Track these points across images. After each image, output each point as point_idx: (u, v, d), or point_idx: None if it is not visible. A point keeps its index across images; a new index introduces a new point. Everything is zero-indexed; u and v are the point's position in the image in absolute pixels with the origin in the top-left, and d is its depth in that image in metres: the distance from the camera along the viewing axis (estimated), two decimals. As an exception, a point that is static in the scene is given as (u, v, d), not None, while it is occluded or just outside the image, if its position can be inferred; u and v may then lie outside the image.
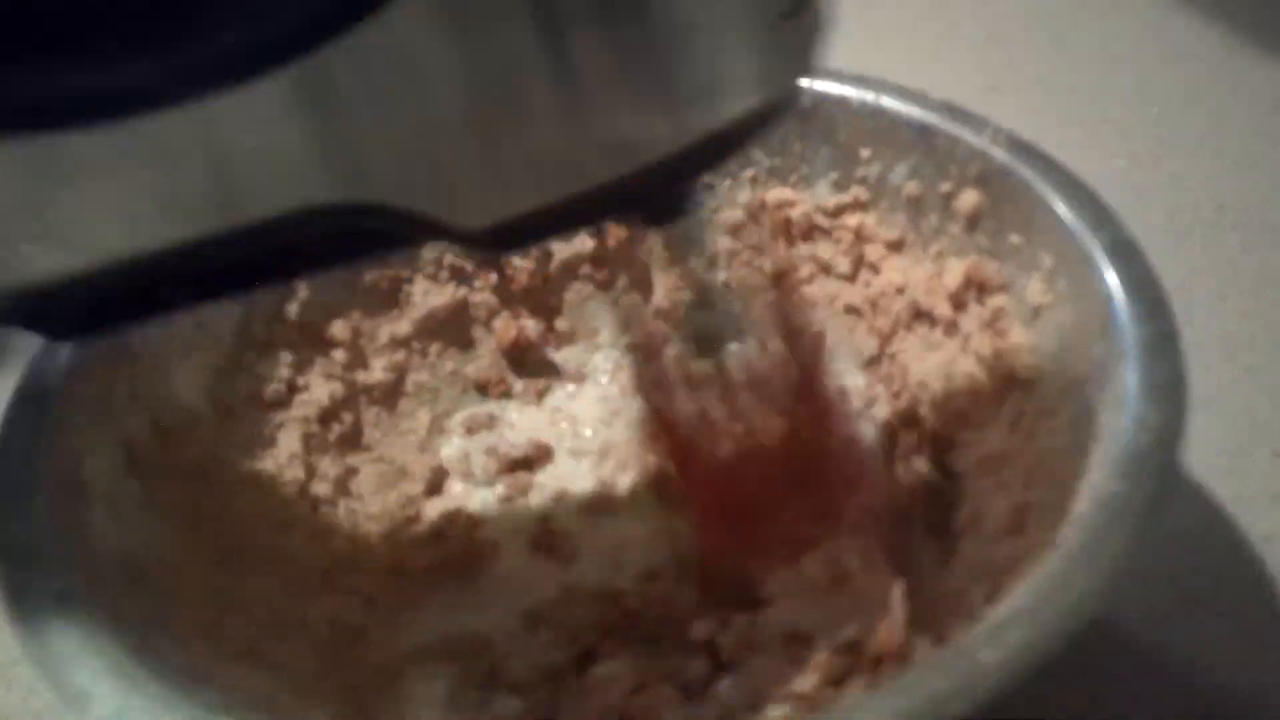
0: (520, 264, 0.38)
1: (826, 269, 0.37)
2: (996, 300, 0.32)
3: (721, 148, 0.22)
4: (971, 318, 0.33)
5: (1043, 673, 0.20)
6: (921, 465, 0.33)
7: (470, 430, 0.38)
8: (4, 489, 0.26)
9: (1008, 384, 0.31)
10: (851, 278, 0.37)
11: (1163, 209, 0.44)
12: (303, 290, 0.35)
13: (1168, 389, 0.25)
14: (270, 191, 0.21)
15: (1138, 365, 0.26)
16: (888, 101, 0.34)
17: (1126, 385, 0.25)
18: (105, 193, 0.21)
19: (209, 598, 0.28)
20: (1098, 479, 0.24)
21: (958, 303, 0.33)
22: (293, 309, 0.35)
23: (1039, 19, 0.57)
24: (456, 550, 0.34)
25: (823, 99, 0.35)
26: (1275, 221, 0.43)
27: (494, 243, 0.22)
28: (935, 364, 0.34)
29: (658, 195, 0.25)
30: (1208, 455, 0.35)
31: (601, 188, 0.21)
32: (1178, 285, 0.40)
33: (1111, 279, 0.28)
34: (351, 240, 0.23)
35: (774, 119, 0.23)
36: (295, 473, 0.33)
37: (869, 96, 0.35)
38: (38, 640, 0.23)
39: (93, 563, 0.25)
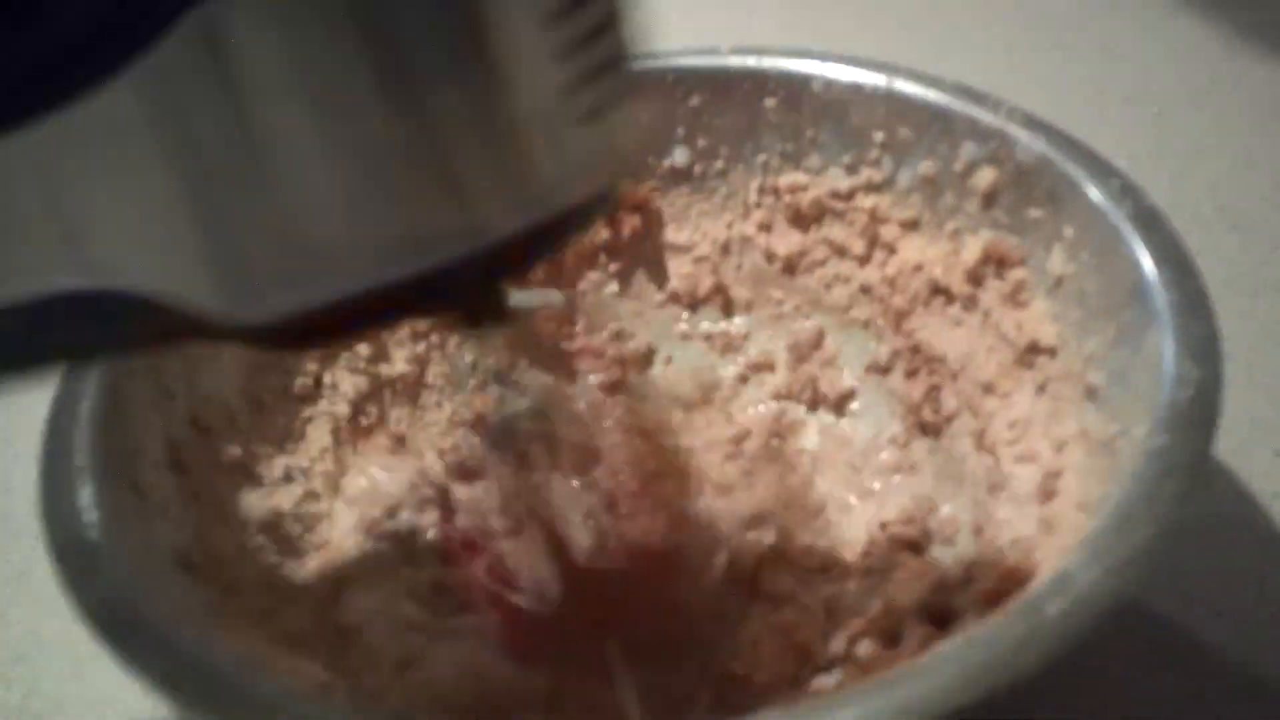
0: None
1: (841, 251, 0.37)
2: (1017, 274, 0.32)
3: (529, 249, 0.21)
4: (991, 292, 0.33)
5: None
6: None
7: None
8: (55, 491, 0.26)
9: (1032, 352, 0.31)
10: (866, 259, 0.37)
11: (1163, 209, 0.44)
12: None
13: (1204, 345, 0.25)
14: (17, 269, 0.19)
15: (1172, 326, 0.26)
16: (901, 85, 0.35)
17: (1162, 346, 0.26)
18: None
19: (259, 588, 0.28)
20: (1141, 436, 0.24)
21: (976, 278, 0.33)
22: None
23: (1039, 19, 0.57)
24: None
25: (834, 83, 0.36)
26: (1275, 221, 0.43)
27: (280, 339, 0.20)
28: (955, 338, 0.34)
29: (470, 295, 0.23)
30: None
31: (400, 283, 0.20)
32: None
33: (1138, 246, 0.28)
34: (120, 327, 0.21)
35: (585, 220, 0.21)
36: (325, 465, 0.34)
37: (881, 80, 0.35)
38: (112, 636, 0.23)
39: (147, 556, 0.26)
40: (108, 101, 0.18)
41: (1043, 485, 0.29)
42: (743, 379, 0.39)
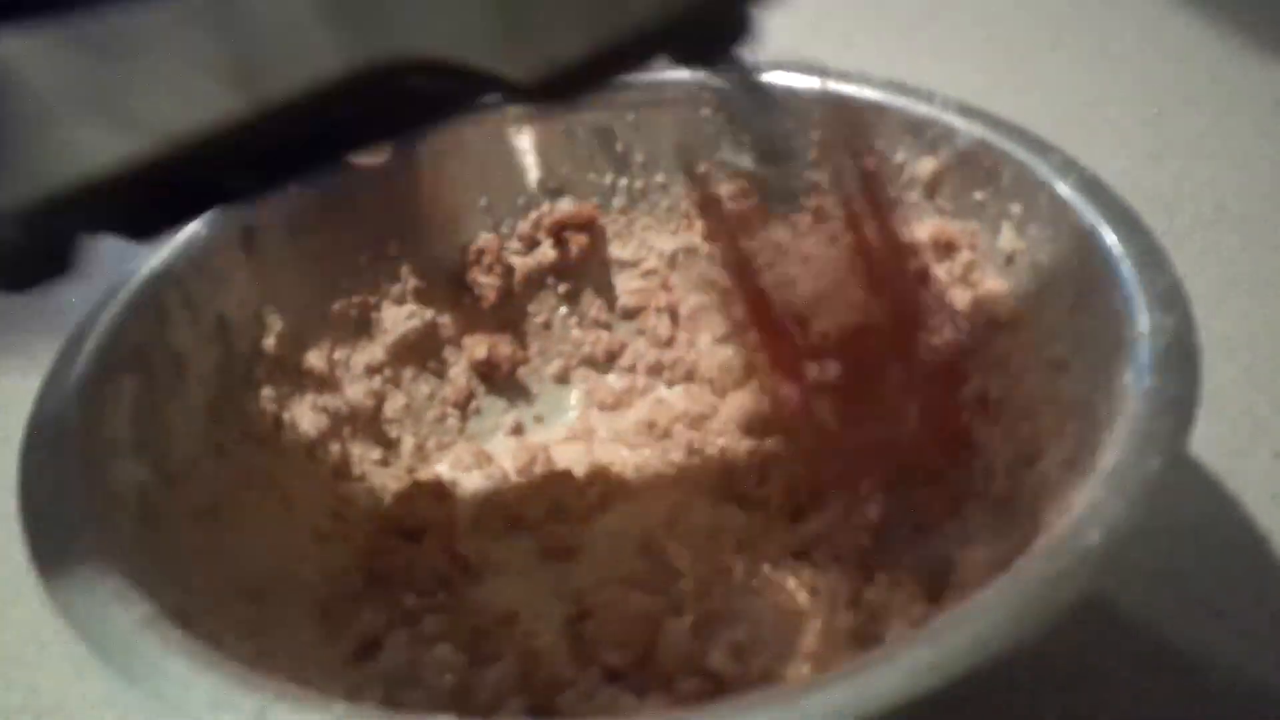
0: (485, 280, 0.39)
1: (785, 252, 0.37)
2: (964, 256, 0.33)
3: None
4: (941, 274, 0.34)
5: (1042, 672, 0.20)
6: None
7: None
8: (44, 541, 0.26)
9: (992, 329, 0.32)
10: None
11: (1163, 209, 0.44)
12: (277, 323, 0.35)
13: (1170, 293, 0.26)
14: (307, 56, 0.21)
15: (1136, 281, 0.27)
16: (834, 85, 0.35)
17: (1129, 301, 0.26)
18: (160, 67, 0.20)
19: (241, 634, 0.28)
20: (1129, 382, 0.25)
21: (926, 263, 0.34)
22: (269, 342, 0.35)
23: (1039, 19, 0.57)
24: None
25: (770, 89, 0.36)
26: (1275, 221, 0.43)
27: (547, 91, 0.22)
28: None
29: (708, 31, 0.24)
30: (1208, 455, 0.35)
31: (647, 27, 0.21)
32: (1178, 285, 0.41)
33: (1088, 211, 0.29)
34: (404, 104, 0.22)
35: None
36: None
37: (815, 82, 0.35)
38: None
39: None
40: None
41: (1024, 451, 0.29)
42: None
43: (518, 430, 0.39)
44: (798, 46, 0.40)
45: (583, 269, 0.40)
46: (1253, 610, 0.31)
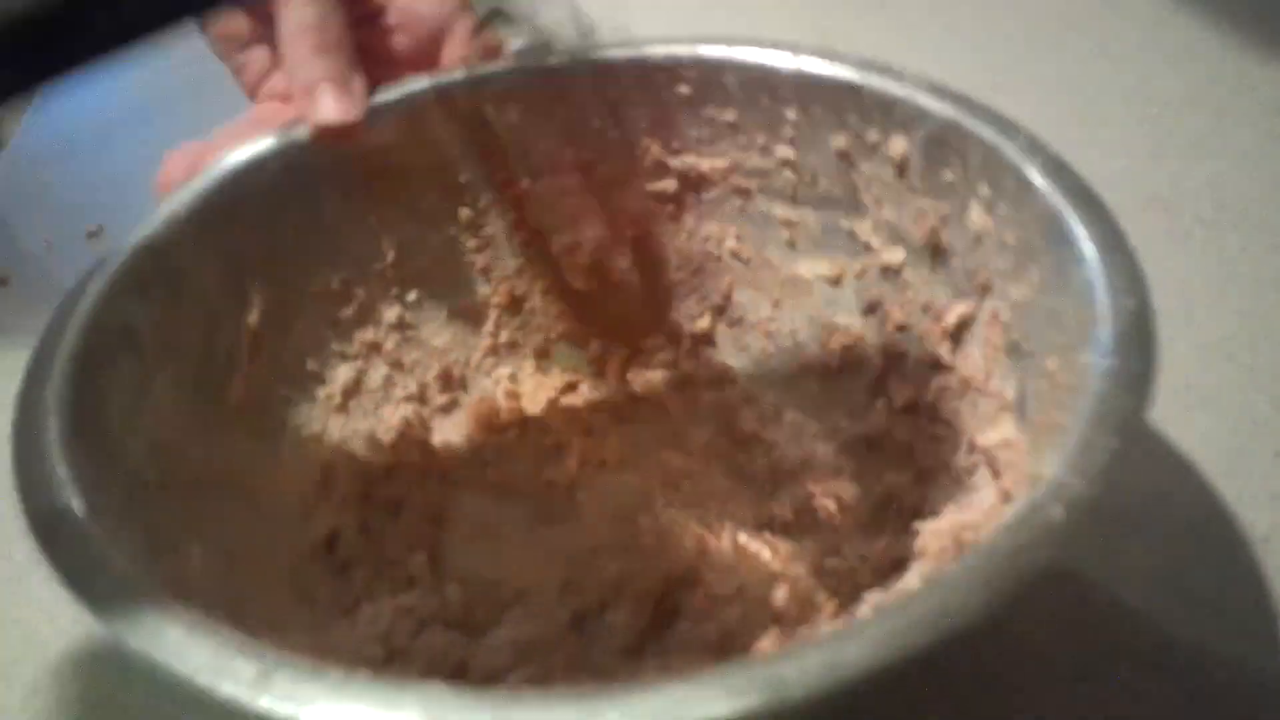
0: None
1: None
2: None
3: None
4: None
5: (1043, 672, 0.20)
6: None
7: None
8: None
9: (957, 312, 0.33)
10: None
11: (1163, 209, 0.44)
12: (258, 300, 0.35)
13: (1130, 277, 0.27)
14: None
15: (1099, 263, 0.27)
16: (808, 63, 0.35)
17: (1091, 283, 0.27)
18: None
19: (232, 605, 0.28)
20: (1090, 361, 0.26)
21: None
22: (253, 318, 0.35)
23: (1039, 19, 0.57)
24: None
25: (745, 66, 0.36)
26: (1275, 221, 0.43)
27: None
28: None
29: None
30: (1208, 455, 0.35)
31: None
32: (1178, 285, 0.41)
33: (1053, 193, 0.29)
34: None
35: None
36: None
37: (789, 60, 0.36)
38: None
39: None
40: None
41: (985, 427, 0.30)
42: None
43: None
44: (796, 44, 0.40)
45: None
46: (1253, 610, 0.31)
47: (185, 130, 0.36)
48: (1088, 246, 0.28)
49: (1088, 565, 0.32)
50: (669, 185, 0.39)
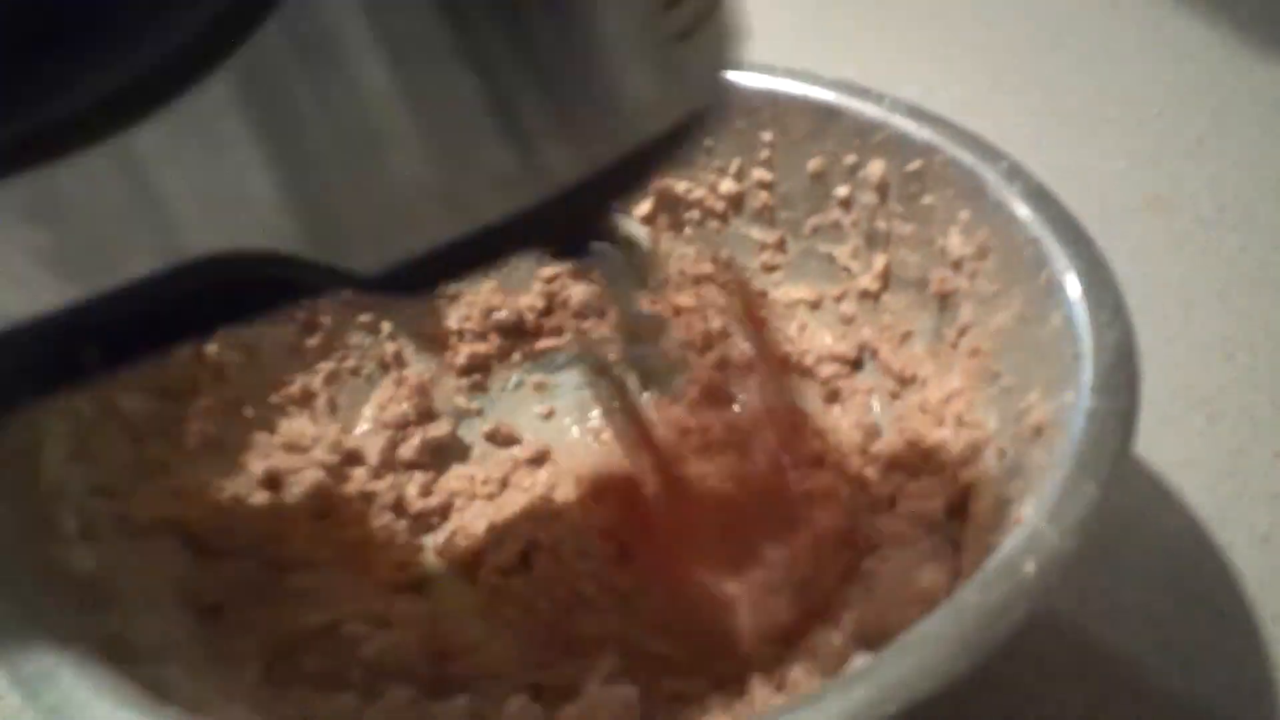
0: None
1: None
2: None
3: (630, 172, 0.21)
4: None
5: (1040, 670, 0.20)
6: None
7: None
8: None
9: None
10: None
11: (1163, 209, 0.44)
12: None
13: (1113, 308, 0.27)
14: (156, 243, 0.20)
15: (1080, 295, 0.27)
16: (784, 84, 0.35)
17: (1071, 314, 0.27)
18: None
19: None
20: (1070, 402, 0.25)
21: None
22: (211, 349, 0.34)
23: (1039, 19, 0.57)
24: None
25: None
26: (1275, 221, 0.43)
27: (393, 286, 0.21)
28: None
29: (568, 227, 0.23)
30: (1208, 455, 0.35)
31: (499, 223, 0.20)
32: (1178, 285, 0.41)
33: (1035, 221, 0.29)
34: (250, 292, 0.22)
35: (685, 140, 0.22)
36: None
37: (765, 82, 0.35)
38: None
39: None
40: (207, 90, 0.19)
41: (966, 455, 0.30)
42: None
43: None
44: (795, 46, 0.40)
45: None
46: (1253, 610, 0.31)
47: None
48: (1069, 276, 0.27)
49: (1089, 564, 0.32)
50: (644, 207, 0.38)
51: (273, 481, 0.33)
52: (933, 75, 0.35)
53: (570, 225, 0.23)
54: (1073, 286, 0.27)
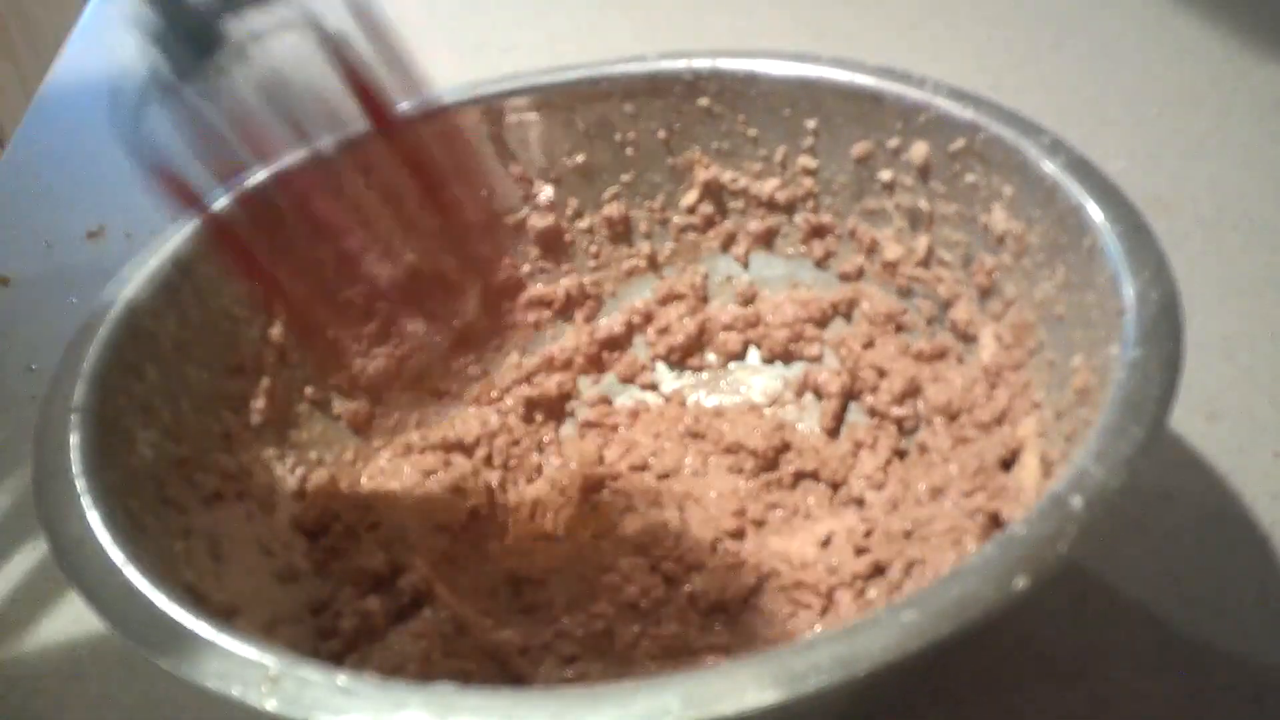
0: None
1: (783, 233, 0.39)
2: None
3: None
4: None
5: (1044, 671, 0.20)
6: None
7: None
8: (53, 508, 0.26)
9: (985, 296, 0.33)
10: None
11: (1163, 209, 0.44)
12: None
13: (1157, 268, 0.27)
14: None
15: (1122, 255, 0.27)
16: (827, 72, 0.36)
17: (1117, 277, 0.27)
18: None
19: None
20: (1115, 353, 0.26)
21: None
22: (275, 331, 0.35)
23: (1039, 19, 0.57)
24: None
25: (763, 78, 0.37)
26: (1275, 221, 0.43)
27: None
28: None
29: None
30: (1208, 455, 0.35)
31: None
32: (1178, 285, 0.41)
33: (1078, 191, 0.29)
34: None
35: None
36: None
37: (809, 70, 0.36)
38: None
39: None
40: None
41: (1014, 415, 0.30)
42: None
43: None
44: (799, 44, 0.40)
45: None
46: (1253, 610, 0.31)
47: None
48: (1111, 240, 0.28)
49: (1089, 563, 0.32)
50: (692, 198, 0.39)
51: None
52: (933, 75, 0.35)
53: None
54: (1114, 247, 0.28)
